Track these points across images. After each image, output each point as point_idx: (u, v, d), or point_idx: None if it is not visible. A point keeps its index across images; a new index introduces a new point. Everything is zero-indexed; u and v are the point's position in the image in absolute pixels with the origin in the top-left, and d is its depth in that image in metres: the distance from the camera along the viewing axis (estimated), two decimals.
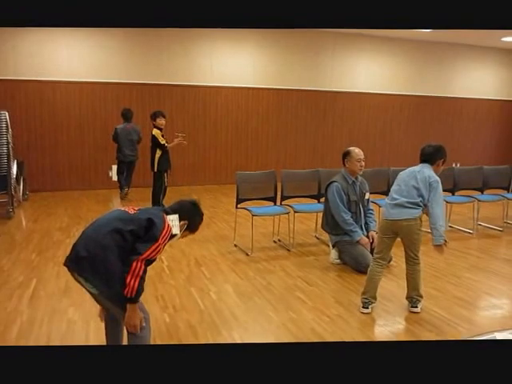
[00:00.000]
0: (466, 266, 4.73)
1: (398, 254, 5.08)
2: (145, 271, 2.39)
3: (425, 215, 3.63)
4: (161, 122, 6.87)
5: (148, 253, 2.38)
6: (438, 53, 11.50)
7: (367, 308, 3.73)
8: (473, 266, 4.84)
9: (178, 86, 9.50)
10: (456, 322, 3.53)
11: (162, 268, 4.67)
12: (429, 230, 3.63)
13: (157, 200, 6.90)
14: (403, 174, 3.76)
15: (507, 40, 10.93)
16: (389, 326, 3.47)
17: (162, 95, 9.37)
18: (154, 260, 2.47)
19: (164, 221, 2.51)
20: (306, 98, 10.53)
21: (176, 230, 2.59)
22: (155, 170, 6.89)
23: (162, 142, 6.79)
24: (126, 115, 8.16)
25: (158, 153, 6.82)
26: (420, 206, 3.58)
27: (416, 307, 3.74)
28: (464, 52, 11.79)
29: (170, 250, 5.24)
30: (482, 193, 6.56)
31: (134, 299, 2.40)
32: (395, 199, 3.65)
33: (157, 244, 2.40)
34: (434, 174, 3.64)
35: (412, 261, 3.71)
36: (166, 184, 6.97)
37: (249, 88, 10.06)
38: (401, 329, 3.43)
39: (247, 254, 5.13)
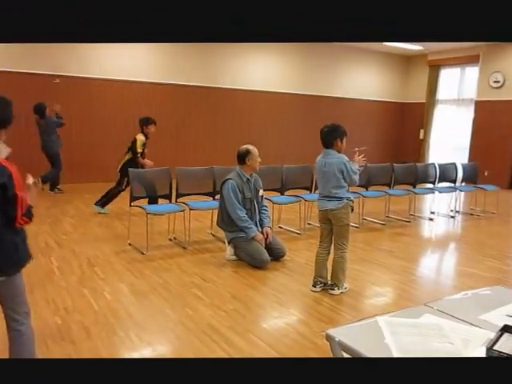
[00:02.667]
0: (353, 258, 5.04)
1: (291, 248, 5.28)
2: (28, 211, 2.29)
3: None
4: (151, 130, 6.75)
5: (19, 211, 2.23)
6: (327, 54, 12.09)
7: (315, 287, 4.13)
8: (359, 258, 5.17)
9: (63, 77, 8.94)
10: (344, 310, 3.76)
11: (52, 269, 4.41)
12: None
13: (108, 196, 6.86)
14: (317, 168, 4.14)
15: (389, 44, 11.79)
16: (283, 318, 3.60)
17: (44, 87, 8.76)
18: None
19: (3, 166, 2.21)
20: (203, 94, 10.53)
21: (4, 154, 2.36)
22: (118, 170, 6.77)
23: (139, 150, 6.63)
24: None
25: (129, 156, 6.68)
26: (341, 198, 3.98)
27: (333, 289, 4.07)
28: (351, 54, 12.52)
29: (60, 251, 4.98)
30: (367, 189, 7.02)
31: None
32: (320, 193, 4.12)
33: (19, 198, 2.23)
34: (340, 155, 4.00)
35: (337, 247, 4.08)
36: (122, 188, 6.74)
37: (142, 82, 9.81)
38: (294, 320, 3.58)
39: (142, 253, 5.02)
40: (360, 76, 12.91)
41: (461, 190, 8.05)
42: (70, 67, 9.03)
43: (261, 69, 11.26)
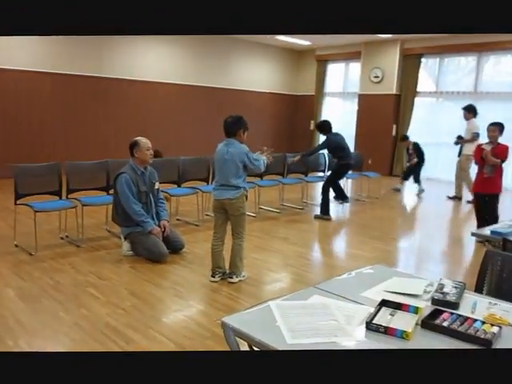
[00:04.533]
0: (251, 246, 5.17)
1: (190, 240, 5.29)
2: None
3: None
4: None
5: None
6: (222, 46, 12.12)
7: (214, 277, 4.17)
8: (256, 247, 5.32)
9: None
10: (243, 298, 3.86)
11: None
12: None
13: None
14: (218, 156, 4.11)
15: (280, 38, 12.11)
16: (183, 311, 3.61)
17: None
18: None
19: None
20: (94, 85, 10.05)
21: None
22: None
23: None
24: None
25: None
26: (239, 187, 4.02)
27: (231, 278, 4.15)
28: (245, 47, 12.68)
29: None
30: (262, 179, 7.21)
31: None
32: (217, 182, 4.14)
33: None
34: (242, 146, 4.06)
35: (235, 236, 4.15)
36: None
37: (28, 72, 9.12)
38: (193, 311, 3.61)
39: (31, 254, 4.74)
40: (254, 68, 13.13)
41: (348, 178, 8.55)
42: None
43: (154, 59, 11.02)
